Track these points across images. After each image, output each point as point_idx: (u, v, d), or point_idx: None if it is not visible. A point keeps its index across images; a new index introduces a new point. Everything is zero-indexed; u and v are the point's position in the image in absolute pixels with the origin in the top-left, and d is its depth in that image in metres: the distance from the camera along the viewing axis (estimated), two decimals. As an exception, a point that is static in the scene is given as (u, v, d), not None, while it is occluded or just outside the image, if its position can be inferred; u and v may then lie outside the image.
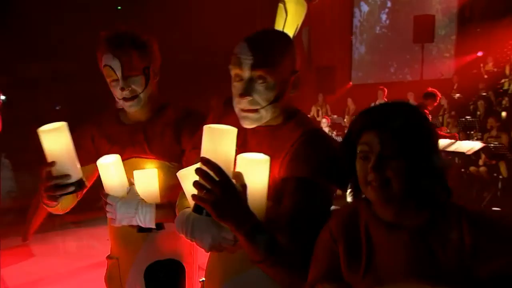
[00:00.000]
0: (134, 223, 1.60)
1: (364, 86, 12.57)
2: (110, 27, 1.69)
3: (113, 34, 1.66)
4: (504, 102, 9.52)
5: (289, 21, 1.46)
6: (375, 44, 14.29)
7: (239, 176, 1.21)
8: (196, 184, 1.15)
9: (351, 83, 14.17)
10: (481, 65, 11.35)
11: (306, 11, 1.48)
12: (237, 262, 1.33)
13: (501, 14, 10.87)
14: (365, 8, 14.61)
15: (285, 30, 1.44)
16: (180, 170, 1.33)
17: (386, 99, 10.17)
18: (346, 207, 1.24)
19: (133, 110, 1.72)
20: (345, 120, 10.67)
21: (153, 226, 1.60)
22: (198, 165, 1.19)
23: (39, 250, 4.93)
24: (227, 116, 1.43)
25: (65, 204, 1.71)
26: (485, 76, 10.93)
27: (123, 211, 1.57)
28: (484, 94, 10.02)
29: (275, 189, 1.29)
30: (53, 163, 1.43)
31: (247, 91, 1.29)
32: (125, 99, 1.68)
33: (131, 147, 1.72)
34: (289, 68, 1.32)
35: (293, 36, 1.43)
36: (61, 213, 1.75)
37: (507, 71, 10.58)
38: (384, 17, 14.26)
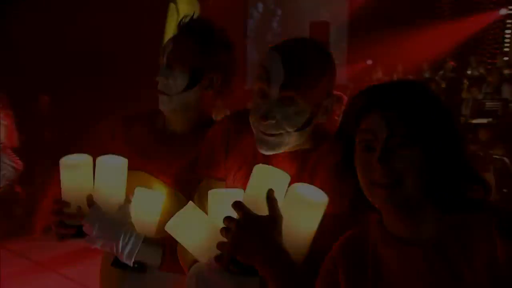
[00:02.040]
0: (110, 250, 1.30)
1: (259, 90, 12.45)
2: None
3: (189, 19, 1.43)
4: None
5: (181, 22, 1.34)
6: (268, 49, 14.40)
7: (273, 206, 1.04)
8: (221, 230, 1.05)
9: (246, 87, 14.06)
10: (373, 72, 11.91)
11: (199, 12, 1.21)
12: None
13: (386, 24, 11.51)
14: (260, 8, 14.67)
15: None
16: (213, 190, 1.15)
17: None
18: (354, 229, 1.02)
19: (162, 108, 1.44)
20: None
21: (130, 263, 1.28)
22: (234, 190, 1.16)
23: None
24: (240, 137, 1.24)
25: None
26: (376, 84, 11.45)
27: (103, 229, 1.26)
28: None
29: None
30: (62, 200, 1.30)
31: (271, 114, 1.11)
32: (158, 90, 1.41)
33: (146, 158, 1.43)
34: (325, 90, 1.15)
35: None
36: None
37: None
38: (275, 24, 14.45)
